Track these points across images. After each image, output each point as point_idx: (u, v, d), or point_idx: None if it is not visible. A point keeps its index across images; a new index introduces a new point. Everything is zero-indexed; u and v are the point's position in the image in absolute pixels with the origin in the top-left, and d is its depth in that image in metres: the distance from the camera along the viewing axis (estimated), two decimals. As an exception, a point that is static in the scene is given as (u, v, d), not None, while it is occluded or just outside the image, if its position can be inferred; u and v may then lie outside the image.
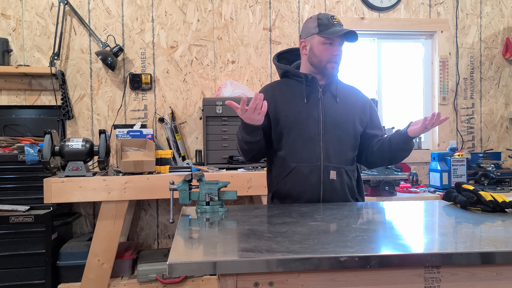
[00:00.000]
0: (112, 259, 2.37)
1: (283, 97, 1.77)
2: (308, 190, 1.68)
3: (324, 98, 1.75)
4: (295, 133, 1.71)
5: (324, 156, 1.69)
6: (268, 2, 3.08)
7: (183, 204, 1.54)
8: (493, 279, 1.03)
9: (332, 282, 0.99)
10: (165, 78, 2.99)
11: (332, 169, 1.69)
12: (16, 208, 2.40)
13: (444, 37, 3.25)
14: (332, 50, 1.69)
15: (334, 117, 1.72)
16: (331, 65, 1.71)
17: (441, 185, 2.75)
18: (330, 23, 1.68)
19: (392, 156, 1.74)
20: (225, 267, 0.95)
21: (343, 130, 1.73)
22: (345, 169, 1.72)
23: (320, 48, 1.70)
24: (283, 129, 1.74)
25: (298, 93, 1.75)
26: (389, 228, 1.27)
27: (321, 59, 1.71)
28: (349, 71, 3.31)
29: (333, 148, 1.70)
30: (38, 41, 2.87)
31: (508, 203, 1.48)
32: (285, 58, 1.89)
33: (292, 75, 1.81)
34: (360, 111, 1.79)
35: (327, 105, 1.74)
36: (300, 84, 1.76)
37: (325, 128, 1.71)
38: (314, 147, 1.69)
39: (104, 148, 2.30)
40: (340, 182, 1.71)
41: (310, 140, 1.70)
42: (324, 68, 1.72)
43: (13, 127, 2.82)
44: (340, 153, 1.71)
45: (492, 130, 3.34)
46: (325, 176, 1.68)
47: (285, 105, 1.75)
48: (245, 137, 1.67)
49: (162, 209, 2.99)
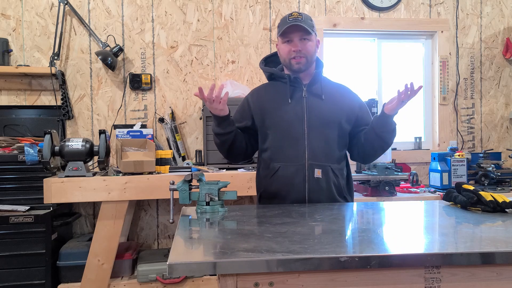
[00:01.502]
0: (112, 259, 2.37)
1: (269, 99, 1.78)
2: (294, 189, 1.69)
3: (308, 97, 1.75)
4: (280, 133, 1.72)
5: (308, 155, 1.69)
6: (268, 2, 3.08)
7: (183, 204, 1.54)
8: (493, 279, 1.03)
9: (332, 282, 0.99)
10: (165, 78, 2.99)
11: (317, 167, 1.68)
12: (16, 208, 2.40)
13: (444, 37, 3.25)
14: (291, 46, 1.71)
15: (318, 116, 1.72)
16: (295, 61, 1.72)
17: (441, 185, 2.75)
18: (286, 22, 1.70)
19: (380, 141, 1.73)
20: (225, 267, 0.95)
21: (328, 129, 1.73)
22: (332, 167, 1.71)
23: (282, 48, 1.75)
24: (269, 130, 1.75)
25: (283, 93, 1.77)
26: (389, 228, 1.27)
27: (284, 58, 1.74)
28: (349, 71, 3.31)
29: (318, 147, 1.70)
30: (38, 41, 2.87)
31: (508, 203, 1.48)
32: (272, 61, 1.90)
33: (277, 76, 1.82)
34: (348, 109, 1.78)
35: (312, 104, 1.74)
36: (285, 85, 1.77)
37: (310, 127, 1.71)
38: (298, 146, 1.70)
39: (104, 148, 2.29)
40: (326, 180, 1.70)
41: (295, 140, 1.70)
42: (290, 65, 1.74)
43: (13, 127, 2.82)
44: (326, 151, 1.71)
45: (493, 130, 3.34)
46: (310, 175, 1.68)
47: (270, 106, 1.76)
48: (215, 129, 1.72)
49: (162, 209, 2.99)
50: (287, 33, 1.70)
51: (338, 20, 3.12)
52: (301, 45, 1.70)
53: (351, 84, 3.25)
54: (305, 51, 1.71)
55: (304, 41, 1.71)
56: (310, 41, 1.72)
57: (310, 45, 1.72)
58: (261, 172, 1.80)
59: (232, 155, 1.83)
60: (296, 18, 1.69)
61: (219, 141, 1.76)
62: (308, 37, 1.71)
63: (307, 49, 1.71)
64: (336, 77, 3.27)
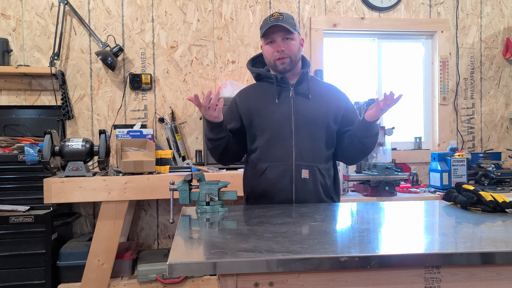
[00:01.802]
0: (112, 259, 2.37)
1: (256, 100, 1.78)
2: (281, 190, 1.69)
3: (295, 97, 1.75)
4: (267, 133, 1.72)
5: (296, 155, 1.69)
6: (268, 2, 3.08)
7: (183, 204, 1.54)
8: (493, 279, 1.03)
9: (332, 282, 0.99)
10: (165, 78, 2.99)
11: (304, 167, 1.68)
12: (16, 208, 2.40)
13: (444, 37, 3.25)
14: (274, 47, 1.71)
15: (306, 116, 1.72)
16: (279, 62, 1.71)
17: (441, 185, 2.75)
18: (267, 23, 1.70)
19: (362, 146, 1.73)
20: (225, 267, 0.95)
21: (315, 128, 1.72)
22: (319, 168, 1.71)
23: (265, 49, 1.75)
24: (256, 131, 1.75)
25: (270, 94, 1.76)
26: (389, 228, 1.27)
27: (269, 59, 1.74)
28: (349, 71, 3.31)
29: (305, 147, 1.70)
30: (38, 41, 2.87)
31: (508, 203, 1.48)
32: (259, 62, 1.89)
33: (264, 77, 1.82)
34: (335, 108, 1.78)
35: (299, 104, 1.74)
36: (272, 85, 1.77)
37: (297, 127, 1.71)
38: (286, 147, 1.70)
39: (104, 148, 2.29)
40: (313, 180, 1.70)
41: (282, 140, 1.70)
42: (274, 66, 1.74)
43: (13, 127, 2.82)
44: (313, 151, 1.71)
45: (493, 130, 3.34)
46: (297, 175, 1.68)
47: (257, 107, 1.76)
48: (208, 134, 1.71)
49: (162, 209, 2.99)
50: (269, 34, 1.70)
51: (338, 20, 3.12)
52: (284, 45, 1.70)
53: (351, 84, 3.29)
54: (288, 51, 1.71)
55: (287, 41, 1.70)
56: (293, 40, 1.72)
57: (293, 44, 1.72)
58: (248, 172, 1.80)
59: (224, 159, 1.83)
60: (277, 18, 1.68)
61: (211, 146, 1.75)
62: (291, 36, 1.71)
63: (290, 49, 1.71)
64: (336, 77, 3.28)
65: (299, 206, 1.62)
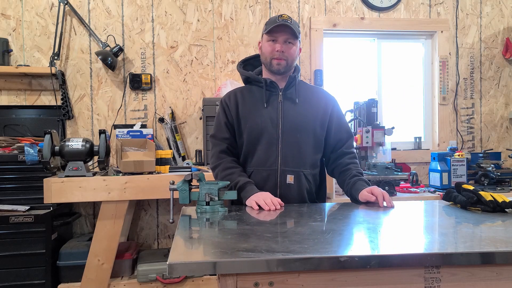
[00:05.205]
0: (112, 259, 2.37)
1: (245, 103, 1.77)
2: None
3: (284, 101, 1.74)
4: (254, 138, 1.72)
5: (281, 160, 1.69)
6: (268, 2, 3.08)
7: (183, 204, 1.54)
8: (493, 279, 1.03)
9: (332, 282, 0.99)
10: (165, 78, 2.99)
11: (289, 173, 1.69)
12: (16, 208, 2.40)
13: (444, 37, 3.25)
14: (275, 46, 1.70)
15: (293, 121, 1.72)
16: (276, 61, 1.71)
17: (441, 185, 2.75)
18: (275, 21, 1.70)
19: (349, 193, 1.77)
20: (225, 267, 0.95)
21: (302, 134, 1.72)
22: (304, 173, 1.71)
23: (265, 46, 1.74)
24: (244, 135, 1.74)
25: (259, 98, 1.76)
26: (389, 228, 1.27)
27: (266, 56, 1.73)
28: (349, 71, 3.31)
29: (291, 152, 1.70)
30: (38, 41, 2.87)
31: (508, 203, 1.48)
32: (250, 64, 1.89)
33: (254, 80, 1.81)
34: (322, 112, 1.77)
35: (287, 109, 1.73)
36: (261, 89, 1.77)
37: (284, 132, 1.70)
38: (272, 152, 1.70)
39: (104, 148, 2.29)
40: (298, 186, 1.70)
41: (269, 145, 1.70)
42: (270, 64, 1.73)
43: (13, 127, 2.82)
44: (299, 157, 1.71)
45: (492, 130, 3.34)
46: (282, 180, 1.69)
47: (246, 111, 1.75)
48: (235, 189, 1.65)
49: (162, 209, 2.99)
50: (274, 32, 1.69)
51: (338, 20, 3.12)
52: (285, 47, 1.70)
53: (351, 84, 3.28)
54: (287, 54, 1.71)
55: (289, 45, 1.71)
56: (294, 45, 1.73)
57: (294, 49, 1.73)
58: None
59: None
60: (286, 19, 1.69)
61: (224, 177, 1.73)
62: (293, 41, 1.72)
63: (290, 53, 1.72)
64: (336, 77, 3.28)
65: (299, 206, 1.63)
